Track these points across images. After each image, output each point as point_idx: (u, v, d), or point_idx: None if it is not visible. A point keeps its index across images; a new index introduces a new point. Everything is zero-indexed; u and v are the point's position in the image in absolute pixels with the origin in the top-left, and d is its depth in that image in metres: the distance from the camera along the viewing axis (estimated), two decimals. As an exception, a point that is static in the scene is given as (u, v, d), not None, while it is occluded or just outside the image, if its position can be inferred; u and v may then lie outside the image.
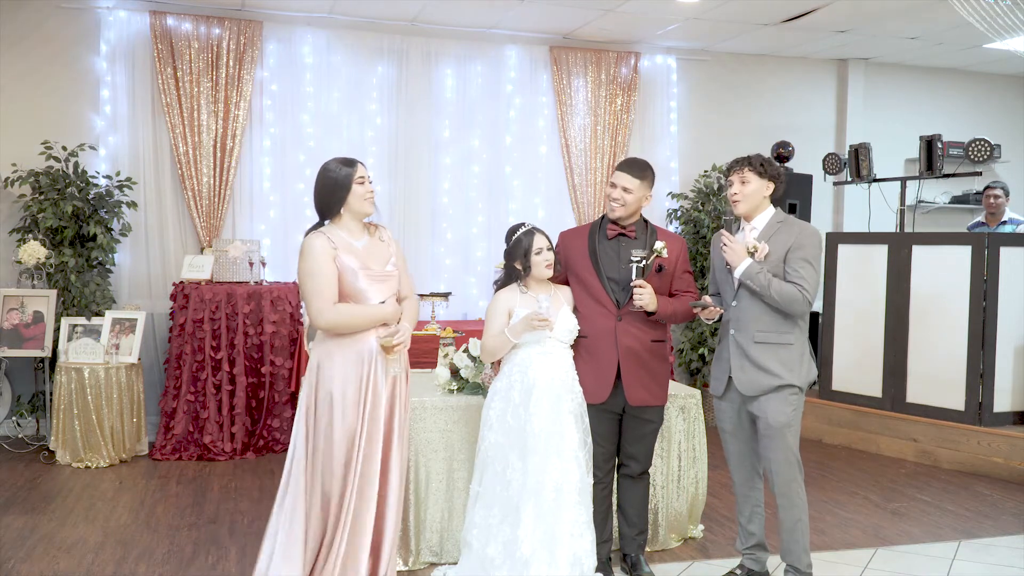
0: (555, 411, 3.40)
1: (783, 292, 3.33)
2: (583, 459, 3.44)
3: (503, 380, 3.51)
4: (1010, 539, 4.35)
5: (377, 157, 6.67)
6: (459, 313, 6.75)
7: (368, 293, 3.21)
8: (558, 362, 3.48)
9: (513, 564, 3.31)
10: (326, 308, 3.14)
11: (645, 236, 3.58)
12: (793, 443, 3.41)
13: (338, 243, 3.19)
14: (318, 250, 3.15)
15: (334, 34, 6.55)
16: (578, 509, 3.37)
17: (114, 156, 6.18)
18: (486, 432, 3.50)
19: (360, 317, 3.19)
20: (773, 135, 7.40)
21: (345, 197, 3.21)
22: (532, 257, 3.48)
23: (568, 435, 3.40)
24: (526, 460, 3.36)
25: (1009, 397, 5.70)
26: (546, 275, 3.52)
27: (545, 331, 3.43)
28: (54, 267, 5.73)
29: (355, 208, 3.23)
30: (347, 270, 3.18)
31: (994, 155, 6.09)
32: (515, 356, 3.50)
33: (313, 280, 3.15)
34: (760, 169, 3.43)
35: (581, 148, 7.04)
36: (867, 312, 6.20)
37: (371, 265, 3.23)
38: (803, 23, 6.55)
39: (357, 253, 3.22)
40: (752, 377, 3.41)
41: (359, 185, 3.21)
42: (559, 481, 3.35)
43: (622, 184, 3.52)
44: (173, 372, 5.67)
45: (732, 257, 3.41)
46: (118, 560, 3.84)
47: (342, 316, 3.16)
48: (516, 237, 3.51)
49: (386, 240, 3.36)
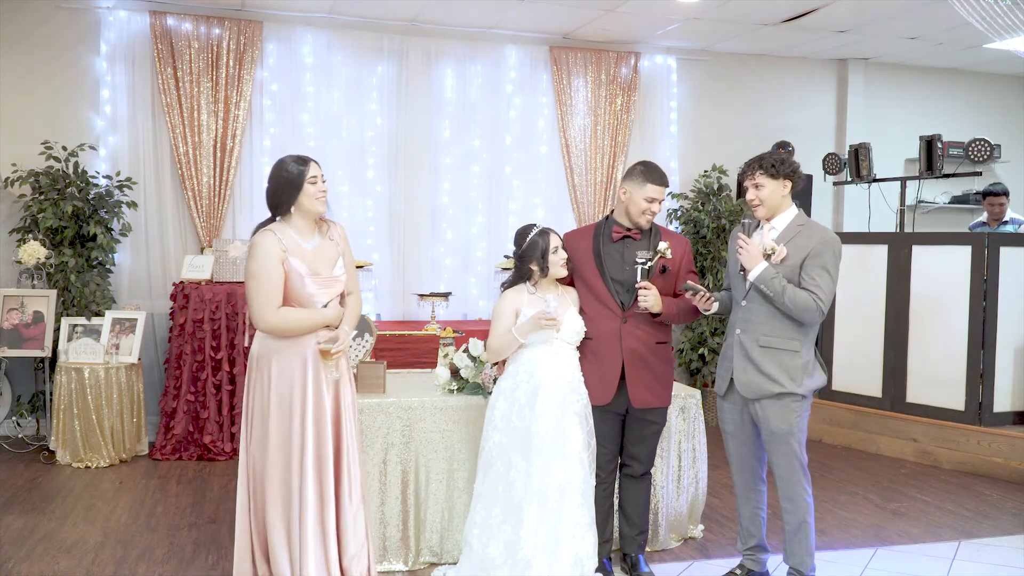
0: (560, 412, 3.40)
1: (797, 300, 3.28)
2: (587, 460, 3.44)
3: (508, 380, 3.51)
4: (1010, 539, 4.35)
5: (377, 157, 6.67)
6: (459, 313, 6.75)
7: (315, 298, 3.19)
8: (564, 363, 3.48)
9: (514, 565, 3.31)
10: (268, 311, 3.10)
11: (649, 237, 3.57)
12: (798, 449, 3.39)
13: (288, 244, 3.15)
14: (266, 251, 3.11)
15: (334, 34, 6.55)
16: (581, 510, 3.38)
17: (114, 156, 6.18)
18: (490, 432, 3.50)
19: (302, 322, 3.16)
20: (773, 135, 7.40)
21: (296, 196, 3.17)
22: (549, 257, 3.47)
23: (572, 436, 3.40)
24: (530, 461, 3.36)
25: (1009, 397, 5.70)
26: (562, 274, 3.53)
27: (552, 331, 3.43)
28: (54, 267, 5.73)
29: (306, 207, 3.19)
30: (294, 274, 3.14)
31: (994, 155, 6.09)
32: (521, 356, 3.50)
33: (257, 282, 3.11)
34: (772, 170, 3.38)
35: (581, 148, 7.04)
36: (867, 312, 6.20)
37: (320, 270, 3.20)
38: (803, 23, 6.55)
39: (306, 256, 3.19)
40: (753, 380, 3.40)
41: (311, 184, 3.17)
42: (563, 482, 3.35)
43: (661, 198, 3.52)
44: (173, 372, 5.67)
45: (747, 260, 3.36)
46: (118, 560, 3.84)
47: (285, 321, 3.13)
48: (531, 238, 3.49)
49: (335, 239, 3.32)
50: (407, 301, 6.66)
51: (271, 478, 3.15)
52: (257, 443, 3.19)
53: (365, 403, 3.74)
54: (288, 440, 3.13)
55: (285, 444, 3.14)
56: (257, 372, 3.20)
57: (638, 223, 3.54)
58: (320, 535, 3.15)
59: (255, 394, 3.21)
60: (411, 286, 6.68)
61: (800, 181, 3.46)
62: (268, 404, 3.15)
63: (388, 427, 3.76)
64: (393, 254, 6.73)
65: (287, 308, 3.15)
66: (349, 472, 3.22)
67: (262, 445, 3.17)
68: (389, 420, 3.77)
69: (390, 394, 3.88)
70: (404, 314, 6.68)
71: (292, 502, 3.13)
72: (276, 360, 3.16)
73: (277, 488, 3.15)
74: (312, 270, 3.18)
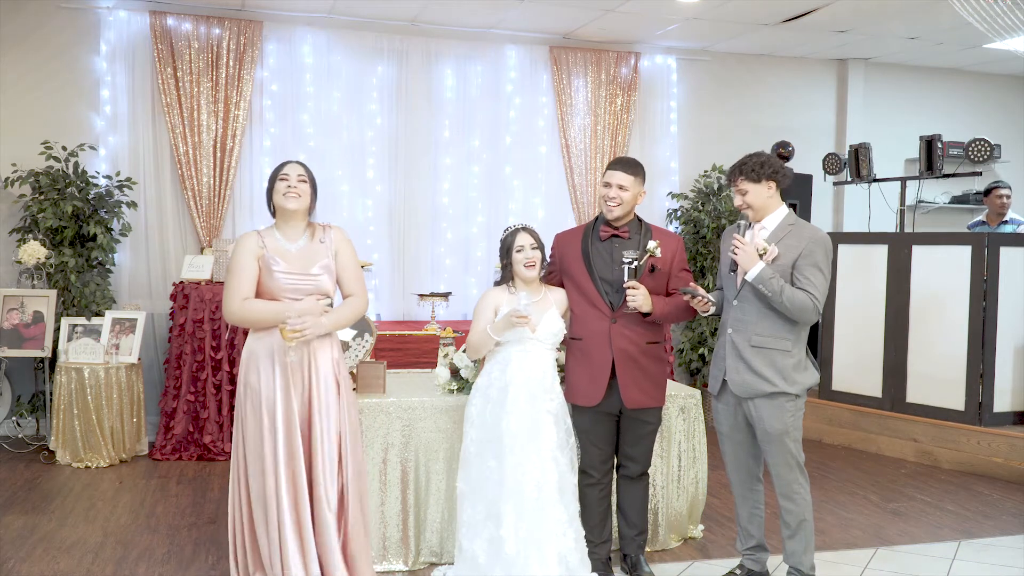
0: (531, 410, 3.41)
1: (795, 300, 3.27)
2: (562, 459, 3.43)
3: (484, 378, 3.54)
4: (1010, 539, 4.35)
5: (377, 157, 6.67)
6: (459, 313, 6.75)
7: (285, 294, 3.24)
8: (536, 362, 3.48)
9: (502, 564, 3.32)
10: (233, 302, 3.21)
11: (639, 236, 3.54)
12: (794, 448, 3.39)
13: (268, 244, 3.26)
14: (242, 245, 3.27)
15: (334, 34, 6.55)
16: (558, 507, 3.37)
17: (114, 156, 6.18)
18: (468, 428, 3.52)
19: (265, 313, 3.21)
20: (773, 135, 7.40)
21: (271, 195, 3.32)
22: (512, 255, 3.50)
23: (546, 434, 3.41)
24: (503, 459, 3.37)
25: (1009, 397, 5.70)
26: (527, 275, 3.52)
27: (527, 331, 3.43)
28: (54, 267, 5.73)
29: (278, 204, 3.31)
30: (267, 270, 3.23)
31: (994, 155, 6.09)
32: (498, 354, 3.52)
33: (229, 275, 3.26)
34: (753, 174, 3.35)
35: (581, 148, 7.04)
36: (867, 312, 6.20)
37: (296, 268, 3.27)
38: (803, 23, 6.55)
39: (287, 256, 3.27)
40: (745, 379, 3.39)
41: (281, 181, 3.29)
42: (539, 480, 3.35)
43: (617, 182, 3.49)
44: (173, 372, 5.67)
45: (744, 260, 3.33)
46: (118, 560, 3.84)
47: (246, 311, 3.22)
48: (503, 237, 3.56)
49: (327, 242, 3.34)
50: (407, 301, 6.66)
51: (252, 476, 3.23)
52: (239, 443, 3.29)
53: (365, 403, 3.75)
54: (260, 441, 3.20)
55: (258, 445, 3.21)
56: (242, 373, 3.29)
57: (605, 213, 3.55)
58: (297, 536, 3.17)
59: (239, 395, 3.32)
60: (411, 286, 6.68)
61: (785, 180, 3.40)
62: (245, 405, 3.25)
63: (388, 427, 3.76)
64: (393, 254, 6.73)
65: (252, 299, 3.24)
66: (324, 475, 3.21)
67: (243, 445, 3.27)
68: (389, 420, 3.77)
69: (390, 394, 3.88)
70: (404, 314, 6.68)
71: (269, 502, 3.18)
72: (253, 360, 3.24)
73: (256, 488, 3.22)
74: (288, 268, 3.26)
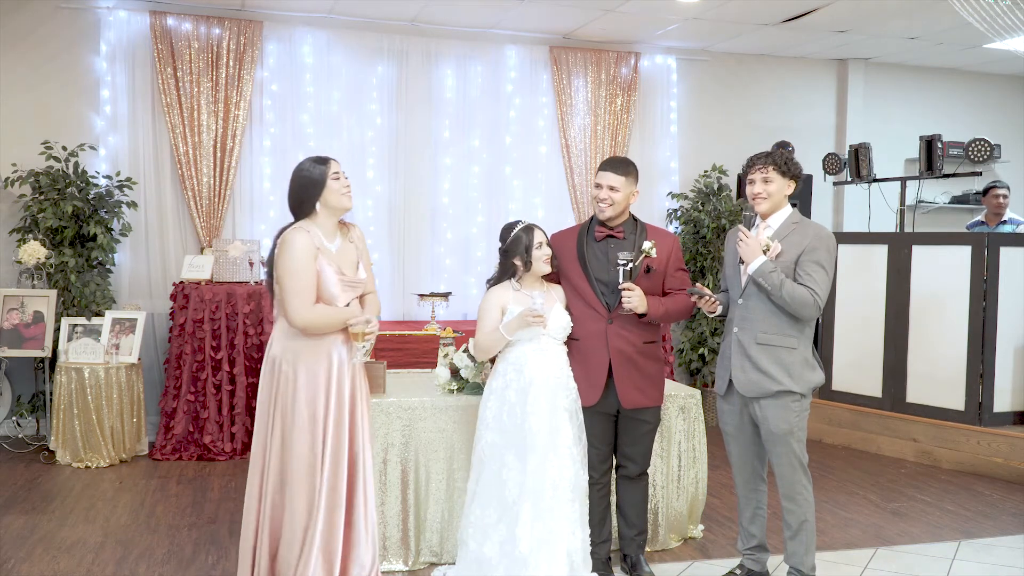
0: (551, 408, 3.40)
1: (795, 294, 3.28)
2: (577, 456, 3.44)
3: (498, 379, 3.51)
4: (1010, 539, 4.35)
5: (377, 157, 6.67)
6: (459, 313, 6.75)
7: (340, 300, 3.21)
8: (553, 359, 3.48)
9: (511, 563, 3.31)
10: (304, 308, 3.12)
11: (635, 236, 3.54)
12: (798, 448, 3.39)
13: (317, 243, 3.19)
14: (303, 248, 3.13)
15: (334, 34, 6.55)
16: (572, 506, 3.38)
17: (114, 156, 6.18)
18: (483, 431, 3.50)
19: (333, 319, 3.18)
20: (773, 135, 7.40)
21: (320, 194, 3.19)
22: (533, 252, 3.48)
23: (563, 432, 3.41)
24: (525, 460, 3.36)
25: (1009, 397, 5.70)
26: (545, 270, 3.52)
27: (539, 328, 3.43)
28: (54, 267, 5.73)
29: (332, 204, 3.21)
30: (324, 273, 3.18)
31: (994, 155, 6.09)
32: (509, 354, 3.50)
33: (294, 279, 3.11)
34: (784, 168, 3.40)
35: (581, 148, 7.04)
36: (867, 312, 6.20)
37: (345, 270, 3.24)
38: (803, 23, 6.55)
39: (331, 257, 3.22)
40: (752, 378, 3.39)
41: (335, 180, 3.20)
42: (555, 478, 3.35)
43: (608, 183, 3.49)
44: (173, 372, 5.67)
45: (747, 253, 3.35)
46: (118, 560, 3.84)
47: (319, 317, 3.15)
48: (515, 234, 3.50)
49: (354, 241, 3.35)
50: (407, 301, 6.65)
51: (295, 483, 3.14)
52: (279, 448, 3.17)
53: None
54: (312, 448, 3.14)
55: (310, 452, 3.15)
56: (283, 376, 3.18)
57: (598, 214, 3.55)
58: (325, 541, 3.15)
59: (279, 399, 3.18)
60: (411, 286, 6.68)
61: (800, 185, 3.50)
62: (293, 411, 3.15)
63: (388, 427, 3.76)
64: (393, 254, 6.73)
65: (320, 305, 3.17)
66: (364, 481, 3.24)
67: (286, 450, 3.16)
68: (389, 420, 3.77)
69: (390, 394, 3.87)
70: (404, 314, 6.68)
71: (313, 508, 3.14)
72: (303, 365, 3.16)
73: (301, 494, 3.14)
74: (338, 270, 3.21)
